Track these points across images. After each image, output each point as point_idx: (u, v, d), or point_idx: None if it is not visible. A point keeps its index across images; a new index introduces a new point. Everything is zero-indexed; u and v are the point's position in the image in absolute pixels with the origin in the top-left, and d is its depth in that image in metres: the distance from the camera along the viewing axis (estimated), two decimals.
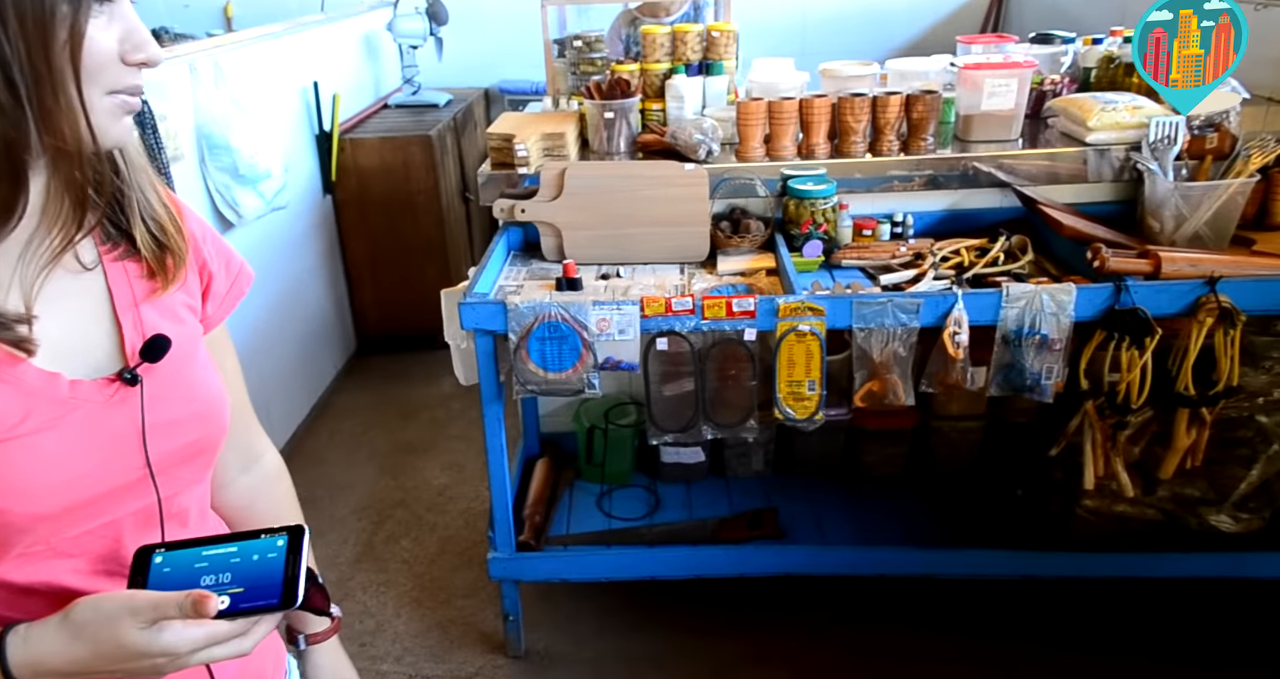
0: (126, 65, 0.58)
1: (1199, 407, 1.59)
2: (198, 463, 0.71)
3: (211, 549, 0.60)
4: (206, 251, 0.75)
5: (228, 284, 0.77)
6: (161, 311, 0.69)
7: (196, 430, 0.69)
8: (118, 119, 0.59)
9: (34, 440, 0.59)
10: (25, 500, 0.59)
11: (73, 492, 0.61)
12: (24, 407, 0.59)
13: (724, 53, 2.10)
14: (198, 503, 0.75)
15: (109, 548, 0.66)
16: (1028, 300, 1.55)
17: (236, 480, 0.86)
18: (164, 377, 0.66)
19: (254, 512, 0.87)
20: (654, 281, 1.79)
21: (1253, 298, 1.52)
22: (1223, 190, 1.66)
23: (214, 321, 0.77)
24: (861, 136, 1.91)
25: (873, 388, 1.64)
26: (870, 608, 1.99)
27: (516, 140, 1.88)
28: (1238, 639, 1.87)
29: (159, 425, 0.66)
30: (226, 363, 0.80)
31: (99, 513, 0.64)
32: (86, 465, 0.62)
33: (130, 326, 0.66)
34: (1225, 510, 1.77)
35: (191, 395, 0.69)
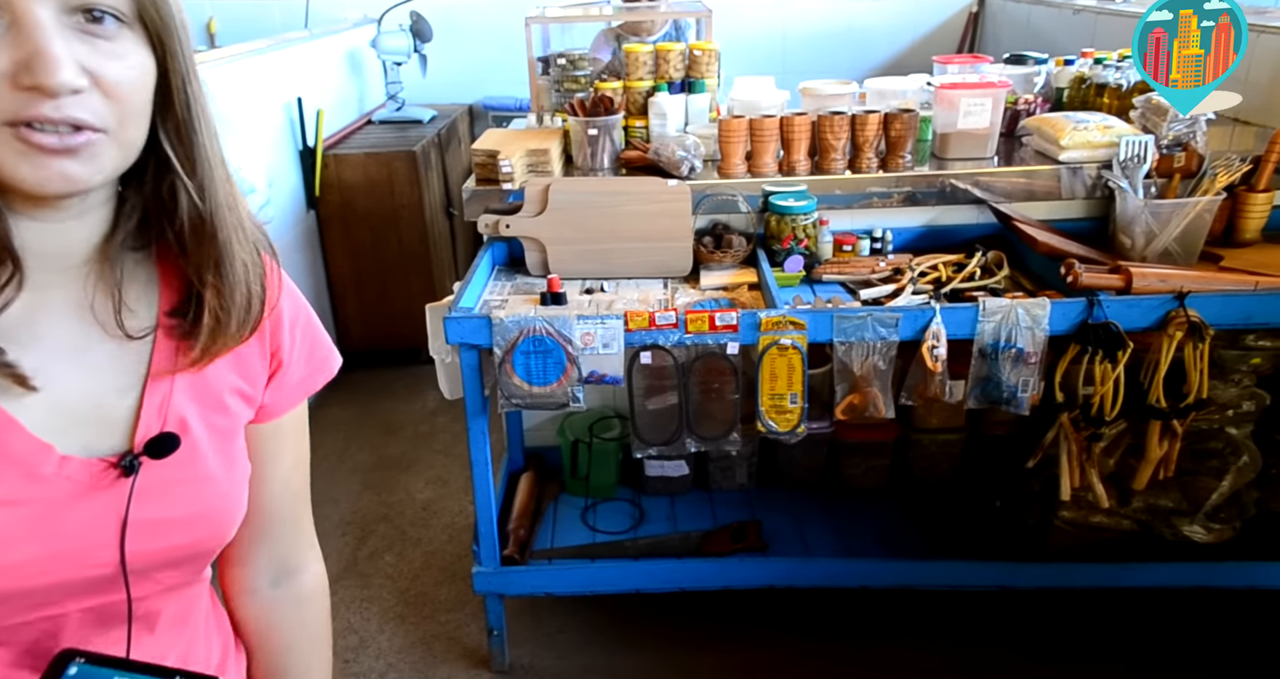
0: (19, 91, 0.48)
1: (1170, 419, 1.63)
2: (186, 568, 0.64)
3: (129, 677, 0.54)
4: (285, 337, 0.68)
5: (302, 375, 0.71)
6: (201, 396, 0.63)
7: (189, 534, 0.62)
8: (21, 157, 0.49)
9: None
10: None
11: (13, 578, 0.55)
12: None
13: (706, 71, 2.14)
14: (178, 607, 0.67)
15: (42, 643, 0.58)
16: (1004, 315, 1.58)
17: (261, 591, 0.76)
18: (169, 470, 0.60)
19: (272, 633, 0.77)
20: (638, 296, 1.81)
21: (1220, 312, 1.56)
22: (1191, 208, 1.71)
23: (273, 412, 0.70)
24: (841, 154, 1.95)
25: (853, 401, 1.67)
26: (853, 620, 2.00)
27: (501, 156, 1.89)
28: (1212, 648, 1.90)
29: (146, 523, 0.59)
30: (282, 457, 0.72)
31: (42, 605, 0.57)
32: (40, 551, 0.55)
33: (153, 410, 0.60)
34: (1198, 521, 1.80)
35: (195, 496, 0.62)
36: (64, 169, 0.50)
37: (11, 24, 0.48)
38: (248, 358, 0.66)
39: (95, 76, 0.50)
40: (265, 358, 0.68)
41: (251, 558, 0.75)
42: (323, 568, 0.81)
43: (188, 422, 0.61)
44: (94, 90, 0.50)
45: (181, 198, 0.58)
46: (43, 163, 0.50)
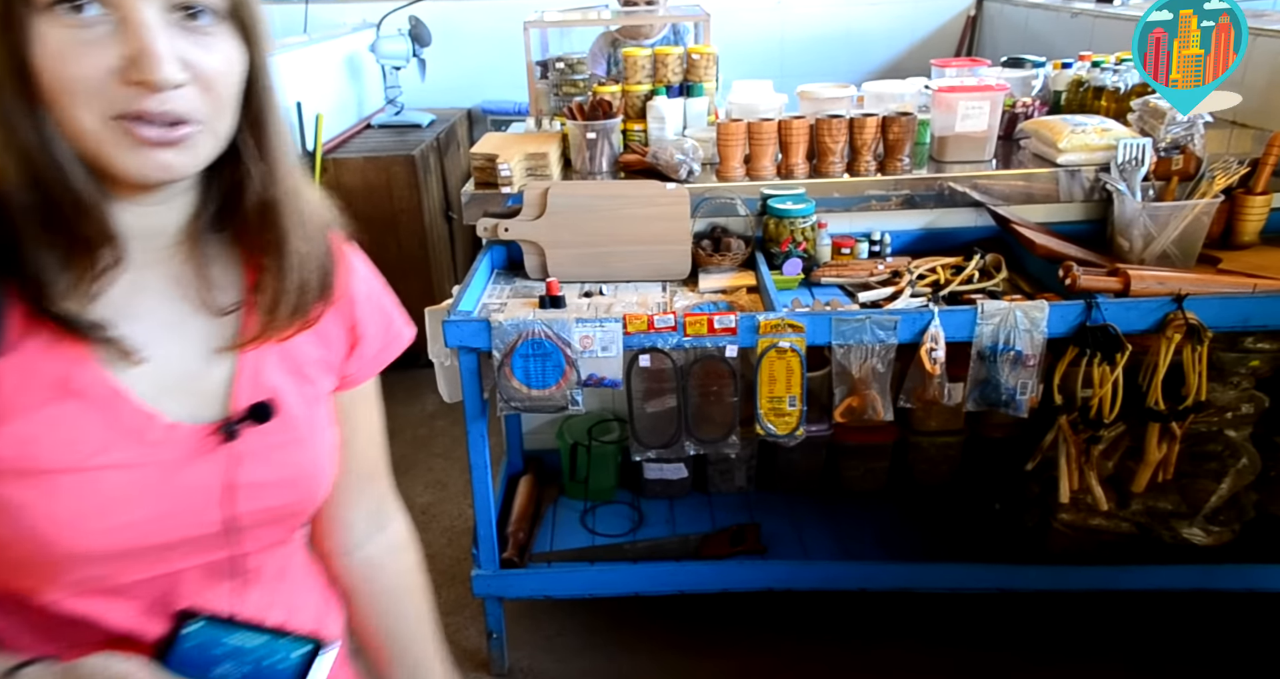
0: (127, 86, 0.51)
1: (1169, 421, 1.63)
2: (283, 526, 0.69)
3: (240, 635, 0.58)
4: (362, 312, 0.73)
5: (379, 346, 0.76)
6: (289, 367, 0.67)
7: (286, 495, 0.67)
8: (124, 149, 0.53)
9: (105, 477, 0.57)
10: (76, 537, 0.56)
11: (128, 536, 0.59)
12: (106, 441, 0.58)
13: (704, 75, 2.14)
14: (277, 563, 0.72)
15: (164, 595, 0.63)
16: (1002, 317, 1.58)
17: (362, 546, 0.81)
18: (266, 435, 0.64)
19: (379, 583, 0.83)
20: (636, 299, 1.81)
21: (1219, 315, 1.56)
22: (1189, 210, 1.71)
23: (355, 381, 0.75)
24: (839, 157, 1.95)
25: (852, 403, 1.67)
26: (852, 623, 2.00)
27: (500, 160, 1.90)
28: (1211, 650, 1.89)
29: (247, 485, 0.63)
30: (364, 421, 0.78)
31: (160, 561, 0.62)
32: (150, 513, 0.59)
33: (247, 380, 0.64)
34: (1197, 523, 1.80)
35: (290, 459, 0.66)
36: (165, 160, 0.54)
37: (120, 23, 0.51)
38: (328, 332, 0.70)
39: (194, 70, 0.54)
40: (344, 333, 0.72)
41: (349, 516, 0.80)
42: (406, 521, 0.86)
43: (279, 390, 0.66)
44: (192, 84, 0.54)
45: (248, 184, 0.61)
46: (146, 155, 0.53)
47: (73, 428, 0.57)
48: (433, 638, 0.85)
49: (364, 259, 0.75)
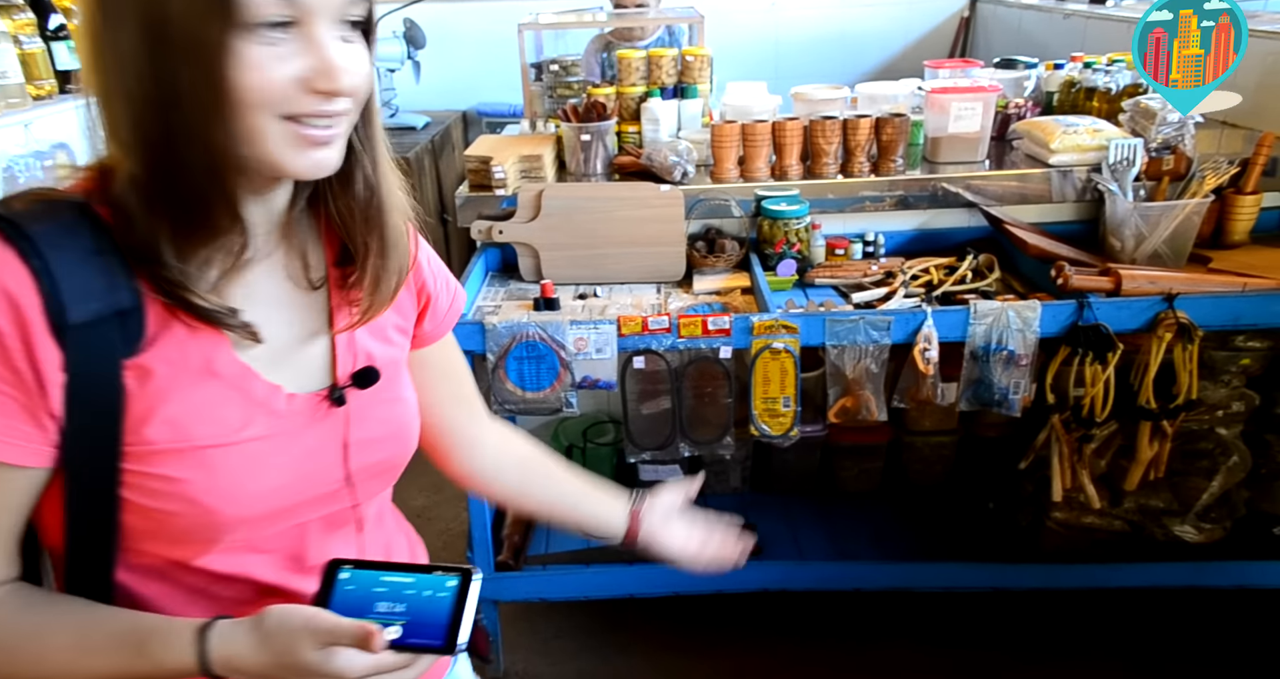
0: (308, 94, 0.58)
1: (1160, 419, 1.63)
2: (387, 477, 0.76)
3: (391, 576, 0.63)
4: (427, 274, 0.80)
5: (448, 303, 0.83)
6: (374, 332, 0.74)
7: (390, 449, 0.74)
8: (294, 148, 0.59)
9: (251, 448, 0.64)
10: (234, 504, 0.63)
11: (276, 498, 0.66)
12: (246, 414, 0.64)
13: (698, 77, 2.15)
14: (374, 510, 0.79)
15: (296, 546, 0.70)
16: (995, 317, 1.59)
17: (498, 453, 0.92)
18: (366, 398, 0.71)
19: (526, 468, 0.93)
20: (631, 301, 1.82)
21: (1209, 314, 1.57)
22: (1179, 210, 1.72)
23: (432, 338, 0.83)
24: (833, 158, 1.96)
25: (846, 404, 1.67)
26: (848, 623, 2.01)
27: (494, 162, 1.90)
28: (1204, 647, 1.90)
29: (359, 442, 0.71)
30: (458, 362, 0.88)
31: (294, 516, 0.69)
32: (290, 475, 0.67)
33: (344, 348, 0.71)
34: (1188, 521, 1.81)
35: (388, 416, 0.74)
36: (323, 157, 0.61)
37: (304, 40, 0.58)
38: (401, 299, 0.76)
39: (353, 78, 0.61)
40: (414, 298, 0.79)
41: (480, 437, 0.91)
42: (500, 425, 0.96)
43: (373, 355, 0.73)
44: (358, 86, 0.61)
45: (357, 175, 0.67)
46: (308, 152, 0.60)
47: (218, 406, 0.63)
48: (587, 475, 0.96)
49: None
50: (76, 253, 0.57)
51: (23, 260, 0.55)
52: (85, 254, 0.57)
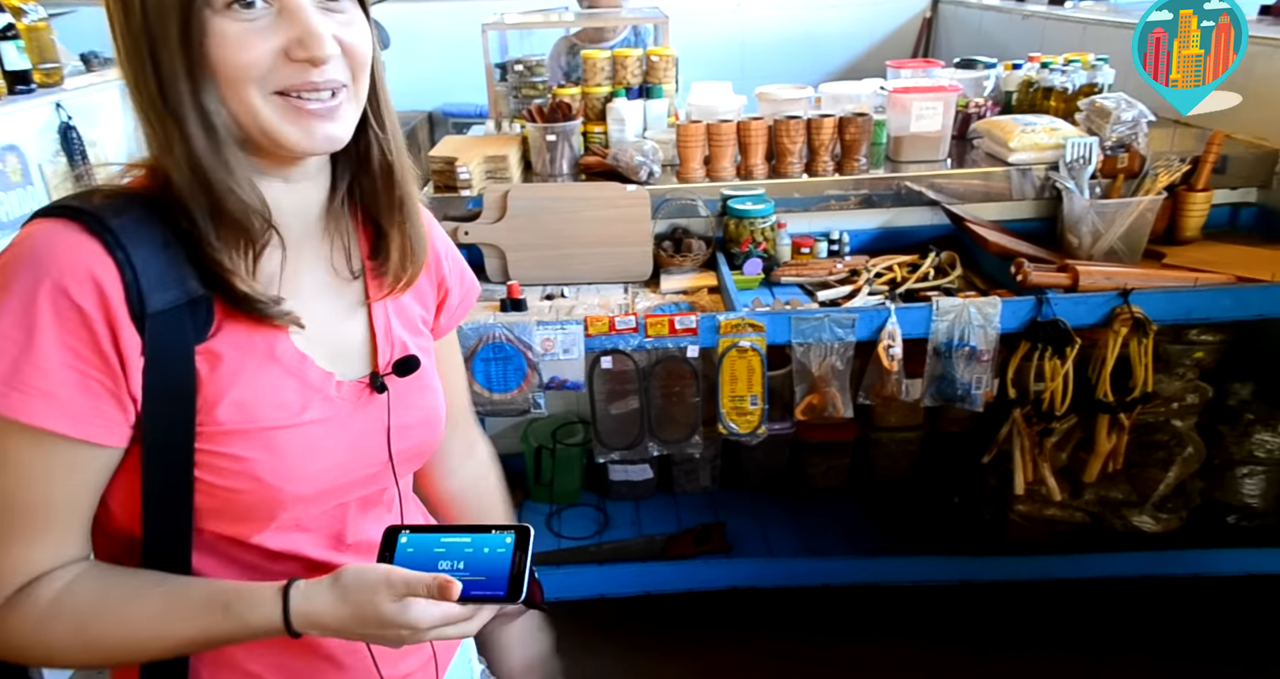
0: (292, 64, 0.59)
1: (1117, 412, 1.67)
2: (419, 459, 0.80)
3: (449, 537, 0.65)
4: (446, 268, 0.83)
5: (461, 296, 0.85)
6: (405, 323, 0.77)
7: (422, 434, 0.77)
8: (293, 123, 0.60)
9: (308, 430, 0.67)
10: (295, 482, 0.66)
11: (328, 478, 0.69)
12: (304, 399, 0.67)
13: (663, 77, 2.15)
14: (405, 492, 0.82)
15: (337, 525, 0.73)
16: (956, 314, 1.61)
17: (460, 469, 0.93)
18: (404, 386, 0.74)
19: (471, 498, 0.95)
20: (598, 301, 1.81)
21: (1163, 308, 1.61)
22: (1134, 207, 1.76)
23: (444, 330, 0.85)
24: (798, 157, 1.97)
25: (813, 401, 1.69)
26: (816, 617, 2.02)
27: (459, 163, 1.89)
28: (1164, 633, 1.95)
29: (398, 427, 0.74)
30: (453, 366, 0.89)
31: (341, 495, 0.72)
32: (342, 456, 0.70)
33: (384, 337, 0.74)
34: (1146, 511, 1.85)
35: (422, 403, 0.77)
36: (327, 131, 0.62)
37: (280, 10, 0.59)
38: (424, 290, 0.80)
39: (342, 44, 0.61)
40: (434, 288, 0.82)
41: (450, 445, 0.90)
42: (488, 444, 0.98)
43: (407, 344, 0.76)
44: (340, 56, 0.61)
45: (374, 149, 0.69)
46: (309, 127, 0.61)
47: (280, 390, 0.66)
48: None
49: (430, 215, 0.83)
50: (151, 245, 0.60)
51: (109, 252, 0.59)
52: (158, 246, 0.61)
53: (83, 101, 1.95)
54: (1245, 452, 1.84)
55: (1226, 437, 1.86)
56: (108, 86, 2.11)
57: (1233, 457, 1.86)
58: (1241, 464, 1.86)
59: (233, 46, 0.57)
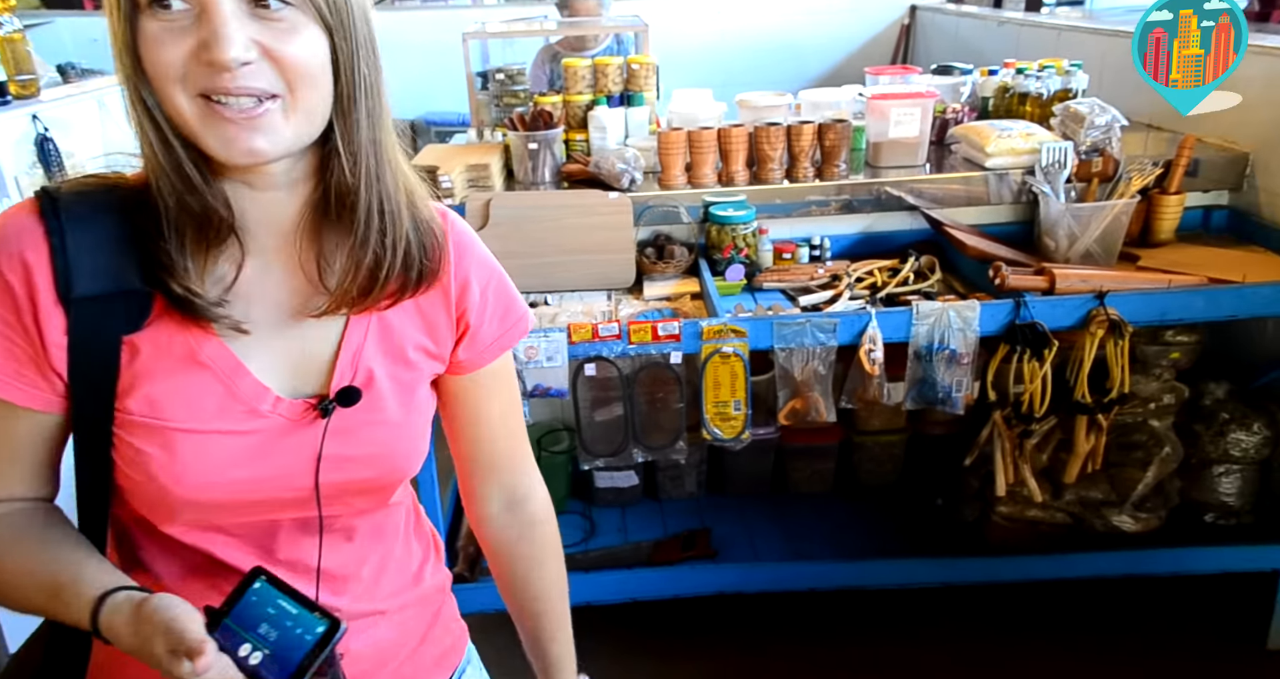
0: (202, 66, 0.58)
1: (1096, 413, 1.69)
2: (372, 496, 0.75)
3: (285, 602, 0.63)
4: (473, 300, 0.77)
5: (496, 334, 0.79)
6: (387, 349, 0.73)
7: (371, 470, 0.73)
8: (212, 127, 0.59)
9: (216, 439, 0.66)
10: (187, 487, 0.66)
11: (233, 490, 0.68)
12: (225, 407, 0.66)
13: (644, 85, 2.16)
14: (372, 523, 0.78)
15: (266, 536, 0.72)
16: (936, 317, 1.63)
17: (497, 517, 0.87)
18: (355, 415, 0.70)
19: (516, 552, 0.89)
20: (582, 308, 1.82)
21: (1138, 310, 1.63)
22: (1109, 211, 1.79)
23: (469, 367, 0.79)
24: (778, 164, 1.99)
25: (796, 406, 1.70)
26: (804, 622, 2.03)
27: (441, 172, 1.89)
28: (1146, 631, 1.97)
29: (335, 457, 0.70)
30: (485, 409, 0.82)
31: (255, 512, 0.70)
32: (252, 474, 0.68)
33: (347, 361, 0.71)
34: (1126, 511, 1.88)
35: (376, 438, 0.72)
36: (249, 142, 0.60)
37: (200, 13, 0.58)
38: (433, 319, 0.75)
39: (266, 50, 0.59)
40: (452, 321, 0.76)
41: (484, 490, 0.86)
42: (548, 496, 0.90)
43: (374, 372, 0.72)
44: (265, 62, 0.59)
45: (333, 165, 0.66)
46: (227, 134, 0.60)
47: (196, 394, 0.66)
48: (558, 614, 0.92)
49: (483, 249, 0.79)
50: (97, 234, 0.63)
51: (46, 236, 0.63)
52: (105, 236, 0.63)
53: (59, 113, 1.94)
54: (1221, 451, 1.87)
55: (1203, 436, 1.89)
56: (85, 98, 2.09)
57: (1209, 456, 1.89)
58: (1218, 463, 1.89)
59: (153, 46, 0.58)
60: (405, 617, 0.84)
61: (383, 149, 0.68)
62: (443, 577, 0.90)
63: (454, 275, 0.75)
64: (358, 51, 0.64)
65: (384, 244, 0.68)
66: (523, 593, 0.90)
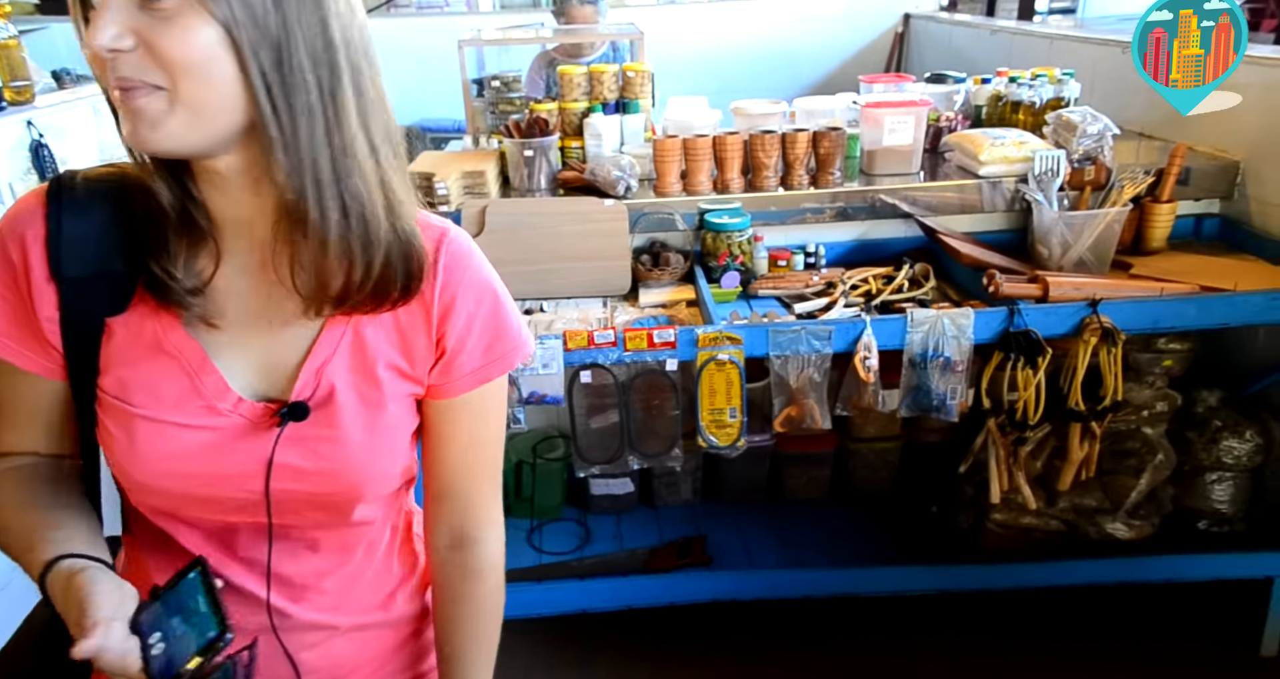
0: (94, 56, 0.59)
1: (1089, 421, 1.70)
2: (329, 511, 0.74)
3: (202, 600, 0.63)
4: (457, 328, 0.73)
5: (477, 364, 0.75)
6: (357, 364, 0.71)
7: (322, 485, 0.71)
8: (124, 118, 0.60)
9: (171, 431, 0.68)
10: (140, 473, 0.69)
11: (185, 485, 0.70)
12: (184, 400, 0.68)
13: (640, 92, 2.17)
14: (338, 539, 0.77)
15: (226, 531, 0.74)
16: (931, 325, 1.64)
17: (440, 551, 0.82)
18: (309, 428, 0.70)
19: (445, 593, 0.83)
20: (577, 315, 1.82)
21: (1131, 318, 1.64)
22: (1101, 219, 1.80)
23: (445, 393, 0.75)
24: (773, 171, 1.99)
25: (791, 413, 1.70)
26: (799, 629, 2.03)
27: (437, 179, 1.89)
28: (1141, 638, 1.97)
29: (287, 467, 0.70)
30: (457, 435, 0.78)
31: (213, 509, 0.72)
32: (205, 470, 0.69)
33: (311, 372, 0.70)
34: (1119, 518, 1.88)
35: (328, 454, 0.71)
36: (137, 132, 0.60)
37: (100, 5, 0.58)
38: (412, 338, 0.73)
39: (144, 41, 0.58)
40: (431, 343, 0.74)
41: (432, 520, 0.82)
42: (500, 548, 0.84)
43: (336, 387, 0.71)
44: (144, 52, 0.58)
45: (272, 166, 0.63)
46: (126, 124, 0.60)
47: (158, 382, 0.68)
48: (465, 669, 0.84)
49: (482, 274, 0.75)
50: (94, 219, 0.67)
51: (45, 219, 0.67)
52: (101, 222, 0.67)
53: (54, 119, 1.94)
54: (1214, 458, 1.88)
55: (1195, 444, 1.90)
56: (79, 104, 2.09)
57: (1202, 463, 1.89)
58: (1210, 470, 1.90)
59: (83, 39, 0.60)
60: (366, 636, 0.82)
61: (345, 153, 0.64)
62: (419, 605, 0.87)
63: (438, 296, 0.72)
64: (283, 48, 0.60)
65: (350, 250, 0.65)
66: (442, 631, 0.84)
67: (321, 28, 0.61)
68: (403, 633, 0.86)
